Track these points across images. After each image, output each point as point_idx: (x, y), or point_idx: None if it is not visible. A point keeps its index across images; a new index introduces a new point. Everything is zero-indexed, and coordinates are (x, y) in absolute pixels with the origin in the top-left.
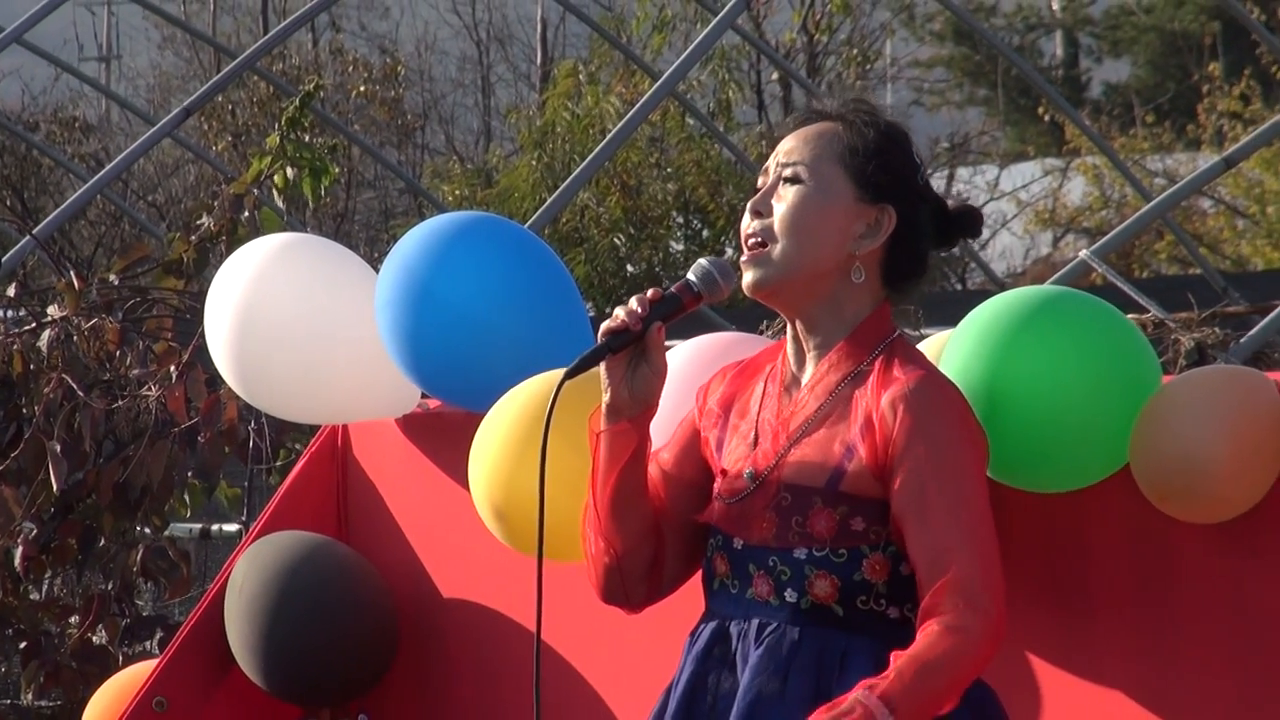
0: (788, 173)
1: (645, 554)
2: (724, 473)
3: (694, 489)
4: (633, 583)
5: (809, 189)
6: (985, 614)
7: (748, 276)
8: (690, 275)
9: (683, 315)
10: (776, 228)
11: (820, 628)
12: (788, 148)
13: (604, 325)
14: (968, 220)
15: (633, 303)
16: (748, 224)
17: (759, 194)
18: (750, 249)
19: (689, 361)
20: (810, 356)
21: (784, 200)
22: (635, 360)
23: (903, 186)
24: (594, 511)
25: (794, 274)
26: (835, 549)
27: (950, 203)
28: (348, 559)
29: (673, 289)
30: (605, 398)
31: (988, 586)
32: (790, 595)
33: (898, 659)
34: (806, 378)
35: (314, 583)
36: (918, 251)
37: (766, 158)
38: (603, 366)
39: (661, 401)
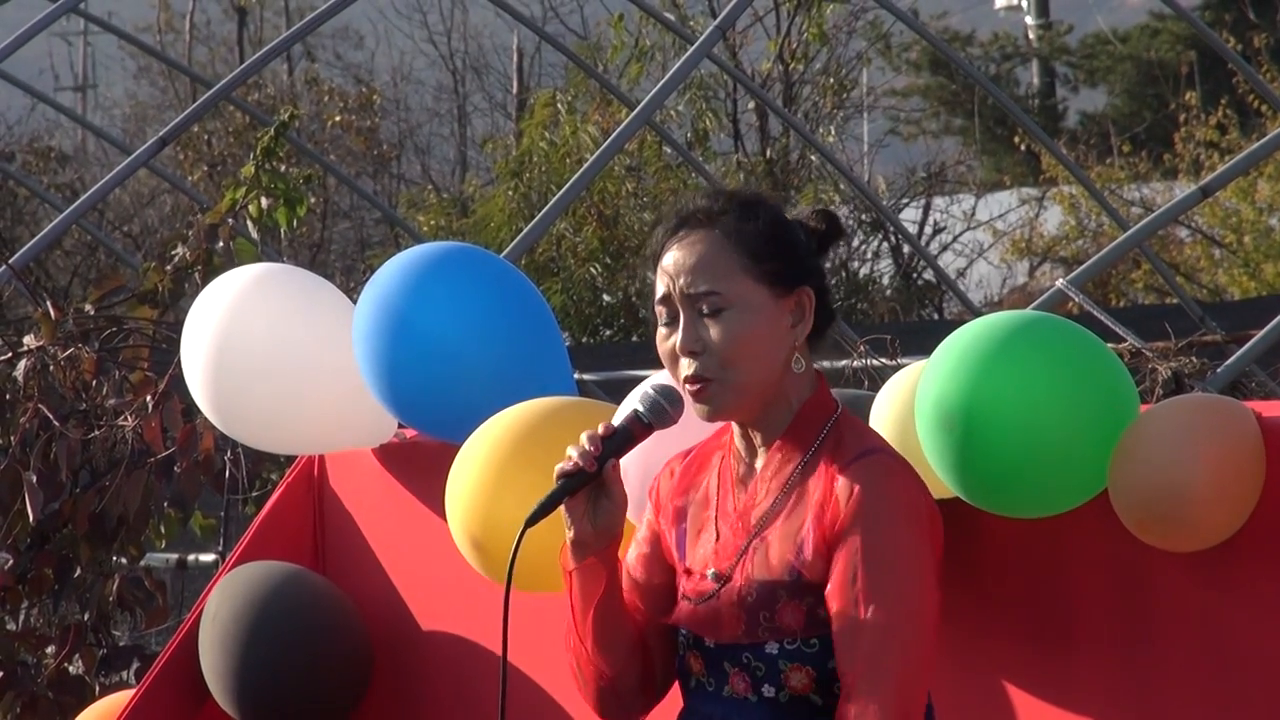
0: (705, 307)
1: (635, 671)
2: (689, 572)
3: (667, 592)
4: (630, 698)
5: (734, 315)
6: (884, 708)
7: (703, 411)
8: (638, 405)
9: (635, 447)
10: (721, 363)
11: None
12: (684, 269)
13: (558, 467)
14: (834, 230)
15: (584, 441)
16: (686, 367)
17: (681, 333)
18: (697, 391)
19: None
20: (760, 449)
21: (717, 334)
22: (595, 495)
23: (801, 258)
24: (579, 644)
25: (751, 394)
26: (806, 639)
27: (808, 220)
28: (319, 588)
29: (622, 422)
30: (570, 534)
31: (895, 681)
32: (768, 690)
33: None
34: (759, 469)
35: (285, 613)
36: (828, 303)
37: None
38: (563, 506)
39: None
